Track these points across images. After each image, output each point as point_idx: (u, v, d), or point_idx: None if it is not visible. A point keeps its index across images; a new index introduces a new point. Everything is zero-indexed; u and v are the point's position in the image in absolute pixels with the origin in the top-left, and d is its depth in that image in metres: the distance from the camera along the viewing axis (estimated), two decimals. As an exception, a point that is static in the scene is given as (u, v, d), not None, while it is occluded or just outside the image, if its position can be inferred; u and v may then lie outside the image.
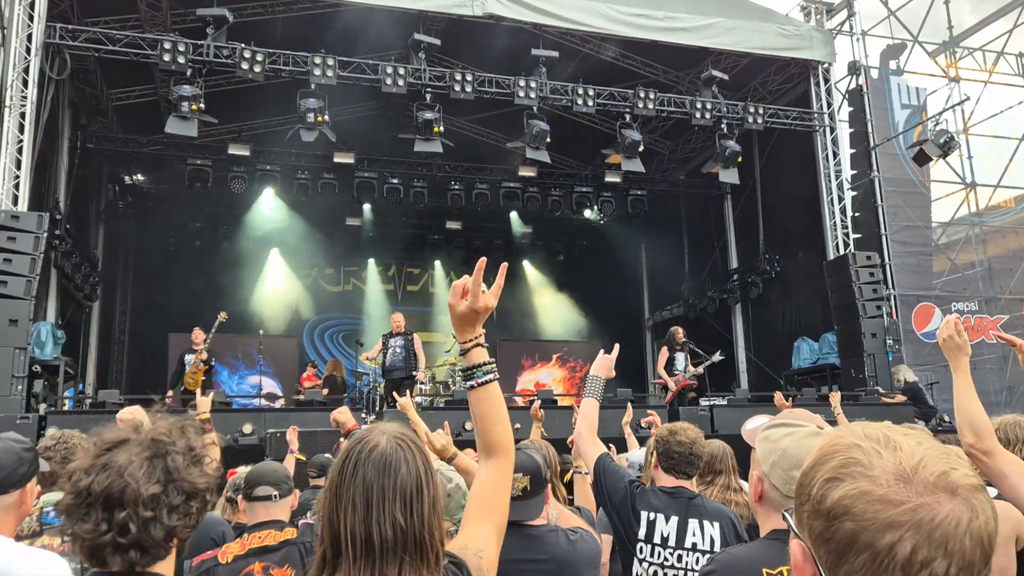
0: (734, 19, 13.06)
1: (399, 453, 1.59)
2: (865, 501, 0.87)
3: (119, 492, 1.53)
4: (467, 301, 1.83)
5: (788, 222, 15.16)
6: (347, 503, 1.53)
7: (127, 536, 1.52)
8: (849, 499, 0.88)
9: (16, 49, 10.14)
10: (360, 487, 1.54)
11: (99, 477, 1.54)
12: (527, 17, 12.03)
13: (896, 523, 0.85)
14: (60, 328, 11.79)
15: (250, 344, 14.91)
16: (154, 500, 1.55)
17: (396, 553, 1.51)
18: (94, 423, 4.97)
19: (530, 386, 17.79)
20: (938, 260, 13.90)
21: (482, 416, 1.83)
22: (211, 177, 14.81)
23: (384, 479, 1.55)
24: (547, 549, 2.60)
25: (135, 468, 1.56)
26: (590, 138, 15.65)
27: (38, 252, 9.63)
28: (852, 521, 0.87)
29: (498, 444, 1.84)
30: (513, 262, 20.21)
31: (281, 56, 11.40)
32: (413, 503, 1.54)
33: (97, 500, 1.53)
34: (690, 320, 17.61)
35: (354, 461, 1.58)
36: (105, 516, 1.52)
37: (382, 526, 1.51)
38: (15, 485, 2.23)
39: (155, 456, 1.60)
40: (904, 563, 0.83)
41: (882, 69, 14.24)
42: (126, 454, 1.58)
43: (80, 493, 1.55)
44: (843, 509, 0.88)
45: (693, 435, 3.26)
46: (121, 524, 1.52)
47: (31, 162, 10.18)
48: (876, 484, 0.87)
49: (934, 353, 12.91)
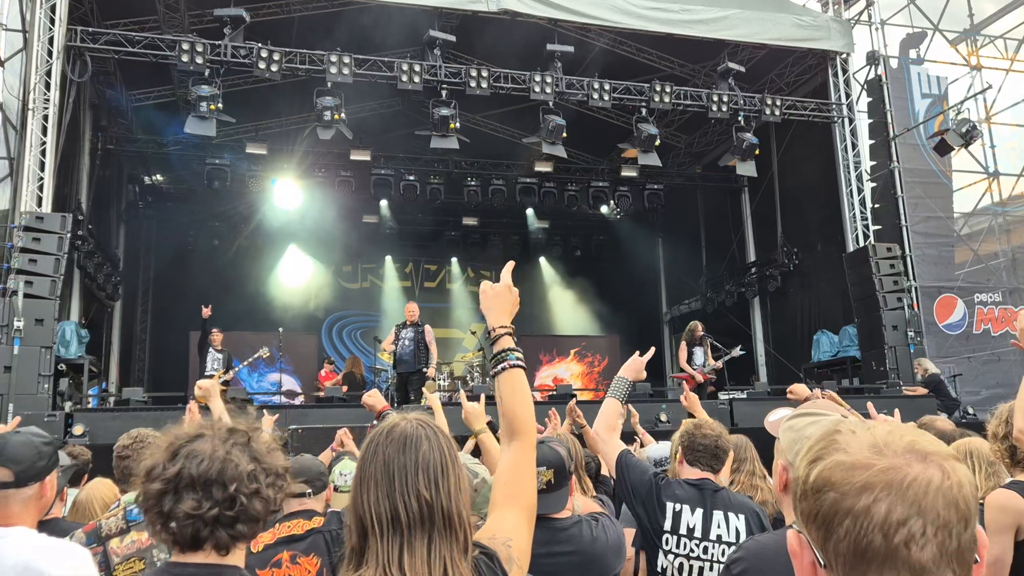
0: (750, 10, 12.97)
1: (420, 431, 1.61)
2: (842, 469, 0.91)
3: (218, 472, 1.57)
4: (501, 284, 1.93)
5: (806, 214, 15.05)
6: (369, 481, 1.55)
7: (234, 508, 1.56)
8: (828, 470, 0.92)
9: (38, 52, 10.27)
10: (381, 464, 1.56)
11: (190, 463, 1.57)
12: (542, 12, 12.02)
13: (870, 484, 0.89)
14: (84, 327, 11.95)
15: (269, 342, 15.02)
16: (253, 476, 1.60)
17: (424, 527, 1.51)
18: (120, 420, 5.02)
19: (548, 381, 17.79)
20: (960, 251, 13.74)
21: (509, 397, 1.86)
22: (229, 176, 14.93)
23: (405, 455, 1.56)
24: (573, 541, 2.61)
25: (228, 450, 1.61)
26: (606, 133, 15.61)
27: (62, 252, 9.76)
28: (833, 491, 0.90)
29: (522, 425, 1.85)
30: (530, 257, 20.25)
31: (297, 55, 11.46)
32: (438, 478, 1.55)
33: (195, 482, 1.56)
34: (708, 314, 17.53)
35: (375, 443, 1.60)
36: (204, 495, 1.55)
37: (407, 499, 1.52)
38: (34, 478, 2.26)
39: (239, 443, 1.64)
40: (881, 523, 0.86)
41: (902, 59, 14.10)
42: (208, 444, 1.62)
43: (170, 479, 1.56)
44: (823, 481, 0.92)
45: (719, 429, 3.26)
46: (227, 499, 1.56)
47: (54, 164, 10.32)
48: (850, 455, 0.92)
49: (956, 345, 12.80)
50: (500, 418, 1.88)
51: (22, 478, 2.23)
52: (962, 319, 13.07)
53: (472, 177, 16.35)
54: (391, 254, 19.82)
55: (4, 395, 8.93)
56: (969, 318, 13.07)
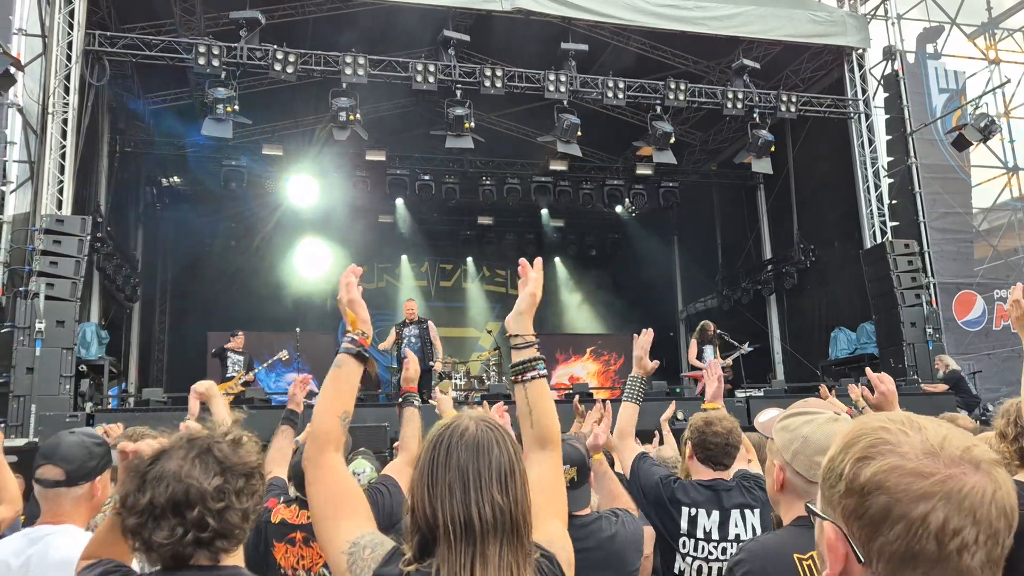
0: (765, 6, 12.89)
1: (490, 435, 1.60)
2: (897, 475, 0.92)
3: (184, 495, 1.58)
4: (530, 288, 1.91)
5: (823, 211, 14.95)
6: (443, 488, 1.53)
7: (208, 530, 1.58)
8: (882, 474, 0.93)
9: (57, 57, 10.39)
10: (456, 470, 1.54)
11: (157, 489, 1.59)
12: (556, 11, 12.01)
13: (928, 494, 0.90)
14: (104, 328, 12.08)
15: (286, 341, 15.11)
16: (220, 492, 1.61)
17: (496, 534, 1.51)
18: (140, 420, 4.99)
19: (564, 380, 17.79)
20: (979, 247, 13.61)
21: (538, 409, 1.85)
22: (246, 177, 15.04)
23: (479, 461, 1.55)
24: (593, 537, 2.64)
25: (188, 468, 1.61)
26: (621, 131, 15.59)
27: (82, 255, 9.87)
28: (885, 495, 0.92)
29: (553, 434, 1.86)
30: (545, 256, 20.12)
31: (312, 56, 11.53)
32: (508, 483, 1.55)
33: (165, 509, 1.57)
34: (724, 311, 17.47)
35: (447, 445, 1.58)
36: (178, 520, 1.57)
37: (481, 508, 1.50)
38: (85, 478, 2.34)
39: (201, 452, 1.65)
40: (937, 531, 0.89)
41: (919, 53, 13.97)
42: (172, 461, 1.63)
43: (143, 511, 1.58)
44: (876, 484, 0.93)
45: (729, 425, 3.22)
46: (198, 522, 1.57)
47: (74, 167, 10.43)
48: (906, 459, 0.93)
49: (976, 341, 12.68)
50: (527, 429, 1.87)
51: (73, 477, 2.31)
52: (981, 315, 12.94)
53: (487, 176, 16.36)
54: (407, 253, 19.88)
55: (27, 396, 9.05)
56: (989, 314, 12.95)
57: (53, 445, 2.36)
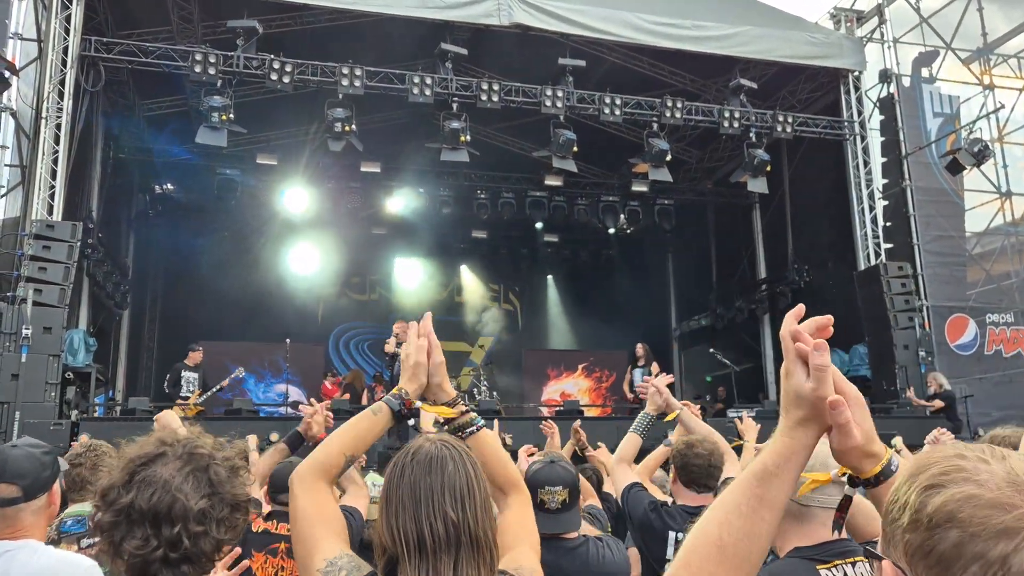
0: (762, 28, 12.96)
1: (444, 452, 1.59)
2: (972, 506, 0.78)
3: (167, 508, 1.52)
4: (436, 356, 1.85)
5: (818, 232, 14.99)
6: (396, 504, 1.54)
7: (179, 551, 1.52)
8: (954, 504, 0.79)
9: (53, 62, 10.34)
10: (407, 487, 1.54)
11: (142, 493, 1.53)
12: (554, 27, 12.04)
13: (1011, 530, 0.76)
14: (92, 335, 11.95)
15: (276, 352, 15.02)
16: (203, 515, 1.55)
17: (450, 549, 1.50)
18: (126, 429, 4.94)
19: (556, 396, 17.71)
20: (972, 271, 13.64)
21: (487, 460, 1.80)
22: (239, 186, 14.97)
23: (431, 477, 1.55)
24: (581, 560, 2.64)
25: (180, 482, 1.55)
26: (617, 147, 15.60)
27: (72, 261, 9.79)
28: (958, 528, 0.78)
29: (514, 480, 1.85)
30: (538, 271, 20.22)
31: (309, 67, 11.51)
32: (464, 499, 1.54)
33: (144, 516, 1.52)
34: (718, 330, 17.45)
35: (400, 465, 1.59)
36: (154, 532, 1.51)
37: (433, 522, 1.50)
38: (41, 489, 2.28)
39: (197, 469, 1.59)
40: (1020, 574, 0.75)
41: (914, 77, 14.05)
42: (166, 468, 1.57)
43: (122, 510, 1.53)
44: (946, 516, 0.79)
45: (710, 447, 3.25)
46: (172, 540, 1.52)
47: (66, 173, 10.36)
48: (985, 488, 0.79)
49: (968, 365, 12.67)
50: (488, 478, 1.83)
51: (30, 492, 2.25)
52: (973, 339, 12.95)
53: (482, 190, 16.35)
54: (399, 266, 19.81)
55: (11, 403, 8.93)
56: (981, 339, 12.96)
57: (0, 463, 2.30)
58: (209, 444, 1.67)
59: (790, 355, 1.08)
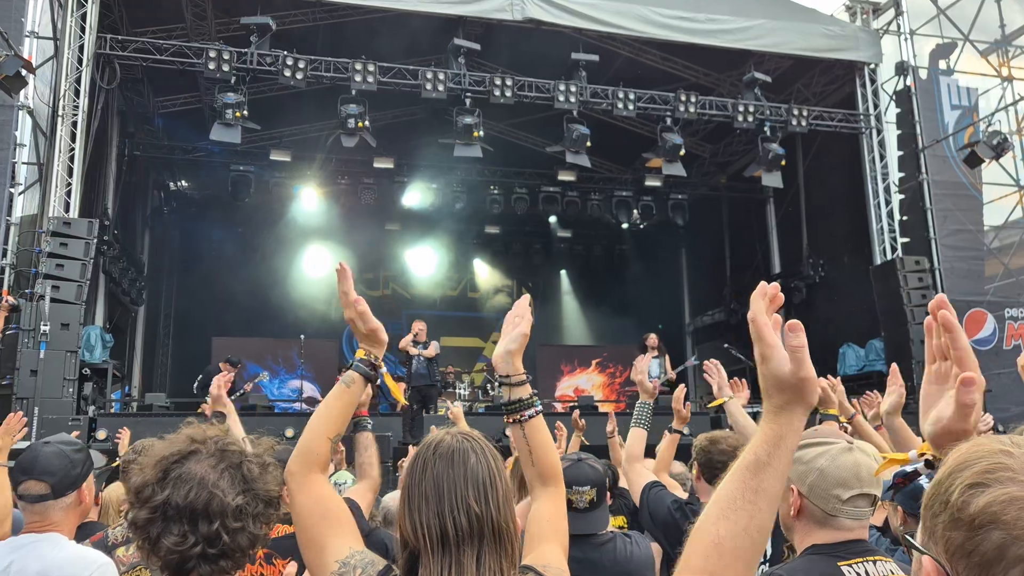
0: (777, 20, 12.85)
1: (466, 444, 1.59)
2: (1018, 508, 0.77)
3: (204, 504, 1.53)
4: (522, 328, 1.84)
5: (833, 226, 14.87)
6: (419, 499, 1.53)
7: (217, 547, 1.53)
8: (998, 505, 0.78)
9: (68, 60, 10.41)
10: (431, 481, 1.53)
11: (178, 490, 1.54)
12: (567, 21, 11.99)
13: None
14: (108, 332, 12.05)
15: (291, 348, 15.08)
16: (240, 511, 1.56)
17: (473, 542, 1.50)
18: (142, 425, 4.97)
19: (569, 392, 17.69)
20: (990, 264, 13.49)
21: (539, 447, 1.80)
22: (253, 182, 15.03)
23: (454, 470, 1.54)
24: (609, 556, 2.66)
25: (216, 478, 1.56)
26: (630, 142, 15.53)
27: (88, 258, 9.87)
28: (1001, 530, 0.77)
29: (554, 472, 1.83)
30: (552, 266, 20.17)
31: (322, 63, 11.52)
32: (487, 492, 1.53)
33: (181, 513, 1.53)
34: (732, 325, 17.35)
35: (423, 459, 1.58)
36: (191, 528, 1.52)
37: (457, 516, 1.50)
38: (71, 487, 2.32)
39: (231, 466, 1.60)
40: None
41: (931, 69, 13.89)
42: (200, 465, 1.58)
43: (157, 507, 1.53)
44: (990, 517, 0.78)
45: (735, 442, 3.15)
46: (211, 536, 1.52)
47: (82, 170, 10.43)
48: None
49: (987, 360, 12.54)
50: (528, 467, 1.84)
51: (58, 489, 2.29)
52: (992, 334, 12.82)
53: (495, 186, 16.34)
54: (413, 262, 19.81)
55: (30, 398, 9.01)
56: (999, 333, 12.82)
57: (31, 459, 2.32)
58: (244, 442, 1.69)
59: (763, 339, 1.07)
